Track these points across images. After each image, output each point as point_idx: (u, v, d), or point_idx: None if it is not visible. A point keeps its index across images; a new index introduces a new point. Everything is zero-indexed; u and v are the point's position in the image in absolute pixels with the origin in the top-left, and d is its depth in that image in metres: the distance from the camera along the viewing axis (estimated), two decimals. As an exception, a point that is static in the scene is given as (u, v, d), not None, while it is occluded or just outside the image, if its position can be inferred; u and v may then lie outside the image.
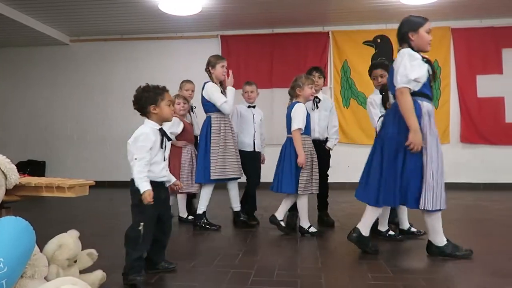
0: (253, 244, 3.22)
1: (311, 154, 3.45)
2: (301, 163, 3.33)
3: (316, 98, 3.81)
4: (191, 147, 4.06)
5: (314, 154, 3.49)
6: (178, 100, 4.02)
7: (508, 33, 6.67)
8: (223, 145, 3.68)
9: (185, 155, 3.98)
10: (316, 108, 3.85)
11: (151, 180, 2.27)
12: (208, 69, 3.86)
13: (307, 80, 3.47)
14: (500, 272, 2.41)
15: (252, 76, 7.17)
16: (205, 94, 3.81)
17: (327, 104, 3.95)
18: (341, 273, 2.46)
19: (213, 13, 6.41)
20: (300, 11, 6.36)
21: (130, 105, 2.56)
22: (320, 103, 3.87)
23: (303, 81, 3.46)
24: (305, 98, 3.48)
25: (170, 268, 2.51)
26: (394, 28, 2.99)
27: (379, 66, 3.69)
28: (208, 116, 3.81)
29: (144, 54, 7.56)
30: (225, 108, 3.70)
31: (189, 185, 3.91)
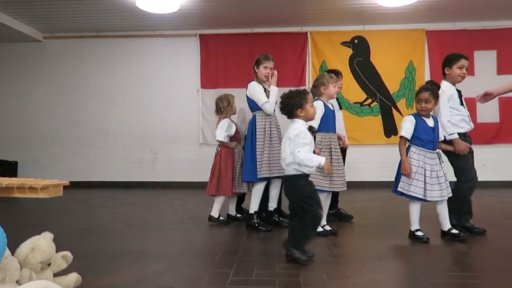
0: (232, 244, 3.21)
1: (330, 151, 3.37)
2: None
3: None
4: (240, 147, 4.08)
5: (335, 151, 3.40)
6: (234, 102, 4.10)
7: (480, 36, 6.87)
8: (268, 143, 3.63)
9: (237, 156, 4.00)
10: (340, 109, 3.98)
11: (307, 173, 2.66)
12: (254, 68, 3.84)
13: (332, 78, 3.46)
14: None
15: (231, 75, 7.20)
16: (248, 93, 3.78)
17: (336, 105, 3.98)
18: (319, 271, 2.48)
19: (192, 11, 6.36)
20: (278, 11, 6.39)
21: (107, 104, 2.52)
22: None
23: (327, 79, 3.45)
24: (329, 96, 3.47)
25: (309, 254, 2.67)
26: (371, 29, 3.03)
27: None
28: (254, 115, 3.78)
29: (121, 52, 7.43)
30: (266, 108, 3.67)
31: (240, 184, 3.91)
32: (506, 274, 2.39)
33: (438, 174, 3.14)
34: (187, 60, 7.34)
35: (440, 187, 3.12)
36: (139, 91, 7.37)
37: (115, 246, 3.17)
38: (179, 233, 3.60)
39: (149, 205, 5.28)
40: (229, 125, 3.95)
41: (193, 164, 7.12)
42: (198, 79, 7.29)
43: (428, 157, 3.14)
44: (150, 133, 7.38)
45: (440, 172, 3.15)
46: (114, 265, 2.62)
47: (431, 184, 3.11)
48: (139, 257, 2.81)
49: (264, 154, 3.60)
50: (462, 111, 3.38)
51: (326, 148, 3.35)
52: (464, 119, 3.38)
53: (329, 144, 3.37)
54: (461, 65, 3.36)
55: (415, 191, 3.12)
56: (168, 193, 6.56)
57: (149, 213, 4.63)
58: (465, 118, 3.39)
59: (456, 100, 3.36)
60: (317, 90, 3.45)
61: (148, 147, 7.41)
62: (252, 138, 3.68)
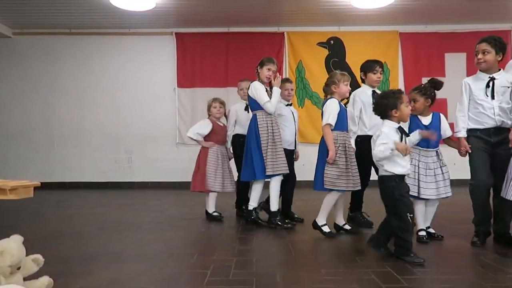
0: (210, 244, 3.20)
1: (344, 150, 3.33)
2: (331, 158, 3.26)
3: (376, 93, 3.63)
4: (220, 148, 4.21)
5: (348, 150, 3.36)
6: (214, 104, 4.23)
7: (450, 38, 7.09)
8: (272, 142, 3.70)
9: (210, 155, 4.14)
10: None
11: (400, 174, 2.67)
12: (257, 68, 3.85)
13: (343, 77, 3.41)
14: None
15: (207, 74, 7.17)
16: (251, 93, 3.80)
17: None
18: (296, 269, 2.51)
19: (168, 9, 6.29)
20: (255, 11, 6.40)
21: (80, 103, 2.47)
22: None
23: (338, 77, 3.39)
24: (341, 95, 3.42)
25: (417, 262, 2.59)
26: (346, 30, 3.08)
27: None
28: (254, 114, 3.81)
29: (95, 50, 7.26)
30: (267, 107, 3.71)
31: (214, 184, 4.08)
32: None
33: (435, 172, 3.11)
34: (163, 59, 7.25)
35: (436, 185, 3.10)
36: (114, 90, 7.23)
37: (89, 248, 3.11)
38: (155, 234, 3.56)
39: (124, 206, 5.20)
40: (203, 125, 4.18)
41: (170, 164, 7.05)
42: (175, 78, 7.22)
43: (423, 155, 3.14)
44: (126, 133, 7.26)
45: (437, 170, 3.13)
46: (88, 268, 2.56)
47: (427, 182, 3.09)
48: (114, 258, 2.76)
49: (268, 152, 3.67)
50: None
51: (341, 146, 3.33)
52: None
53: (343, 142, 3.36)
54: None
55: (413, 191, 3.05)
56: (144, 193, 6.46)
57: (124, 214, 4.56)
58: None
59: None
60: (328, 89, 3.45)
61: (123, 146, 7.28)
62: (255, 137, 3.72)
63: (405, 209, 2.64)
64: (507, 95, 2.94)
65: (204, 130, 4.17)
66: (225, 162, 4.23)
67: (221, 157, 4.18)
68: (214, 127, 4.19)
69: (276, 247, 3.08)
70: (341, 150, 3.32)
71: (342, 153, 3.32)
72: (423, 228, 3.20)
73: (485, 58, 2.93)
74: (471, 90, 3.02)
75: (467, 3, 6.12)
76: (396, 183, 2.68)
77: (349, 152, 3.37)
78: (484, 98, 2.96)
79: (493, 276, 2.32)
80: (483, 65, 2.97)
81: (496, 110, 2.93)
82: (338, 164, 3.30)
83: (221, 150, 4.23)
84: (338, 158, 3.30)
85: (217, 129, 4.21)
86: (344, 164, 3.31)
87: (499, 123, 2.93)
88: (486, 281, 2.24)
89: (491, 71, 2.97)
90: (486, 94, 2.95)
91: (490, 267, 2.49)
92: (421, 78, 7.14)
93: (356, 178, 3.37)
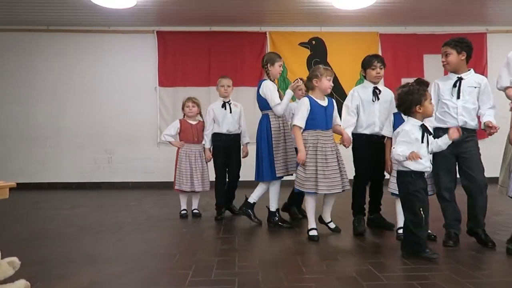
0: (191, 244, 3.18)
1: (315, 150, 3.20)
2: (300, 160, 3.18)
3: (377, 89, 3.49)
4: (190, 146, 4.25)
5: (322, 150, 3.21)
6: (187, 103, 4.30)
7: (428, 40, 7.22)
8: (283, 142, 3.69)
9: (180, 155, 4.24)
10: (377, 100, 3.48)
11: (418, 170, 2.68)
12: (266, 66, 3.78)
13: (326, 71, 3.29)
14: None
15: (189, 74, 7.12)
16: (262, 92, 3.74)
17: (387, 95, 3.56)
18: (277, 269, 2.52)
19: (149, 7, 6.22)
20: (237, 10, 6.39)
21: (58, 101, 2.42)
22: (380, 94, 3.51)
23: (321, 71, 3.28)
24: (322, 90, 3.29)
25: (431, 258, 2.63)
26: (328, 31, 3.11)
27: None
28: (266, 114, 3.76)
29: (74, 48, 7.11)
30: (277, 110, 3.67)
31: (181, 183, 4.18)
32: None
33: None
34: (144, 58, 7.17)
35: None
36: (94, 88, 7.10)
37: (68, 250, 3.05)
38: (136, 235, 3.52)
39: (104, 206, 5.11)
40: (170, 126, 4.37)
41: (151, 164, 6.97)
42: (156, 77, 7.14)
43: None
44: (106, 132, 7.14)
45: None
46: (67, 270, 2.51)
47: None
48: (94, 260, 2.72)
49: (280, 153, 3.66)
50: None
51: (312, 147, 3.21)
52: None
53: (315, 142, 3.22)
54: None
55: (393, 187, 3.16)
56: (125, 194, 6.37)
57: (104, 215, 4.49)
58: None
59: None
60: (310, 83, 3.34)
61: (103, 146, 7.16)
62: (268, 138, 3.68)
63: (419, 205, 2.68)
64: (473, 95, 3.00)
65: (171, 131, 4.29)
66: (198, 161, 4.22)
67: (191, 156, 4.21)
68: (183, 126, 4.26)
69: (258, 247, 3.09)
70: (311, 151, 3.21)
71: (312, 155, 3.20)
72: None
73: (448, 60, 3.03)
74: (439, 90, 3.08)
75: (444, 6, 6.25)
76: (411, 179, 2.71)
77: (323, 153, 3.21)
78: (449, 97, 3.01)
79: (470, 273, 2.38)
80: (447, 67, 3.07)
81: (459, 110, 2.97)
82: (307, 166, 3.19)
83: (192, 148, 4.24)
84: (308, 159, 3.20)
85: (185, 128, 4.26)
86: (314, 166, 3.19)
87: (461, 123, 2.95)
88: (463, 277, 2.30)
89: (459, 71, 3.03)
90: (451, 93, 3.01)
91: (466, 264, 2.55)
92: (401, 79, 7.26)
93: (333, 180, 3.19)
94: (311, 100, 3.28)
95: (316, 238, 3.18)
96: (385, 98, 3.50)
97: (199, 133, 4.27)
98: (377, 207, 3.64)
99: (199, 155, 4.25)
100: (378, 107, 3.45)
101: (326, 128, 3.30)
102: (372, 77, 3.47)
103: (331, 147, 3.26)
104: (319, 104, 3.29)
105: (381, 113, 3.45)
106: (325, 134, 3.28)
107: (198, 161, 4.22)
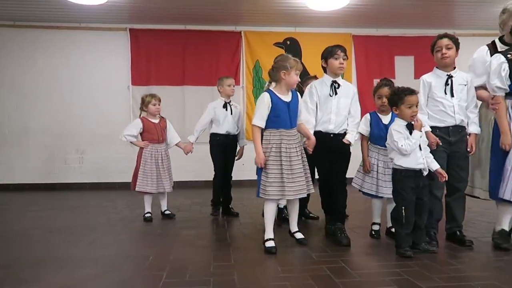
0: (165, 245, 3.14)
1: (279, 152, 2.88)
2: (257, 163, 2.88)
3: (335, 83, 3.18)
4: (156, 146, 4.08)
5: (286, 151, 2.88)
6: (154, 101, 4.09)
7: (399, 42, 7.42)
8: None
9: (144, 155, 4.04)
10: (335, 95, 3.17)
11: (409, 168, 2.73)
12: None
13: (297, 64, 2.92)
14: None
15: (163, 73, 7.03)
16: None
17: (348, 91, 3.26)
18: (253, 268, 2.52)
19: (121, 4, 6.08)
20: (213, 9, 6.35)
21: (26, 99, 2.34)
22: (340, 89, 3.19)
23: (291, 63, 2.89)
24: (289, 85, 2.93)
25: (430, 250, 2.76)
26: (302, 31, 3.11)
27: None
28: None
29: (43, 45, 6.86)
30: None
31: (145, 184, 4.00)
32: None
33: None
34: (117, 56, 7.01)
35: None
36: (64, 86, 6.88)
37: (36, 252, 2.94)
38: (108, 236, 3.44)
39: (75, 208, 4.97)
40: (132, 125, 4.19)
41: (123, 164, 6.79)
42: (129, 75, 7.00)
43: (382, 154, 3.15)
44: (76, 132, 6.94)
45: None
46: (35, 274, 2.43)
47: (385, 181, 3.12)
48: (65, 263, 2.64)
49: None
50: None
51: (275, 148, 2.88)
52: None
53: (278, 143, 2.89)
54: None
55: (367, 187, 3.20)
56: (97, 195, 6.22)
57: (75, 217, 4.37)
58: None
59: None
60: (276, 74, 2.93)
61: (74, 146, 6.96)
62: None
63: (401, 203, 2.76)
64: (464, 93, 3.01)
65: (133, 131, 4.08)
66: (164, 160, 4.10)
67: (157, 157, 4.06)
68: (146, 126, 4.08)
69: (233, 247, 3.08)
70: (274, 153, 2.87)
71: (276, 157, 2.87)
72: (377, 222, 3.28)
73: (449, 53, 2.96)
74: (430, 88, 3.03)
75: (414, 9, 6.42)
76: (400, 177, 2.77)
77: (287, 154, 2.88)
78: (443, 96, 2.98)
79: (440, 268, 2.46)
80: (447, 60, 2.96)
81: (456, 108, 2.97)
82: (270, 170, 2.86)
83: (158, 148, 4.09)
84: (272, 162, 2.86)
85: (149, 127, 4.09)
86: (278, 169, 2.86)
87: (458, 121, 2.98)
88: (433, 272, 2.37)
89: (449, 69, 3.02)
90: (445, 92, 2.96)
91: (436, 260, 2.63)
92: (373, 79, 7.42)
93: (299, 184, 2.89)
94: (273, 96, 2.91)
95: (273, 250, 2.83)
96: (346, 93, 3.21)
97: (162, 131, 4.13)
98: (338, 218, 3.20)
99: (165, 155, 4.13)
100: (335, 103, 3.16)
101: (291, 127, 2.94)
102: (335, 68, 3.16)
103: (296, 148, 2.93)
104: (282, 100, 2.91)
105: (339, 109, 3.16)
106: (289, 133, 2.92)
107: (165, 161, 4.10)
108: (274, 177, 2.86)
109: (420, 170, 2.77)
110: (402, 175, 2.77)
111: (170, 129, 4.22)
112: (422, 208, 2.83)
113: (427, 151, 2.81)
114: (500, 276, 2.33)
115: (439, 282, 2.21)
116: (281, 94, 2.94)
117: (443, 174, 2.77)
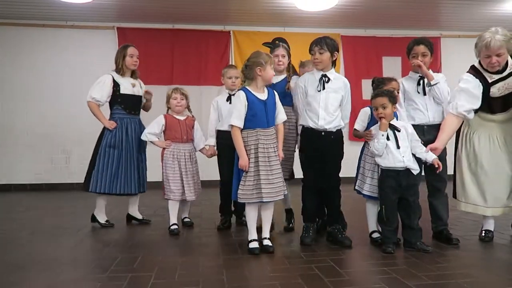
0: (154, 246, 3.11)
1: (256, 152, 2.77)
2: (242, 166, 2.76)
3: (325, 77, 3.04)
4: (179, 146, 3.59)
5: (264, 152, 2.79)
6: (175, 95, 3.63)
7: (387, 43, 7.49)
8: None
9: (165, 157, 3.57)
10: (323, 89, 3.03)
11: (386, 167, 2.84)
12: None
13: (270, 59, 2.85)
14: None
15: (151, 72, 6.95)
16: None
17: (338, 85, 3.10)
18: (242, 268, 2.51)
19: (109, 2, 6.02)
20: (201, 8, 6.33)
21: (9, 98, 2.28)
22: (329, 83, 3.05)
23: (265, 58, 2.81)
24: (266, 80, 2.85)
25: (426, 250, 2.78)
26: (291, 32, 3.12)
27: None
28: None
29: (28, 43, 6.75)
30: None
31: (169, 190, 3.51)
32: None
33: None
34: (104, 54, 6.87)
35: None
36: (50, 86, 6.76)
37: (20, 255, 2.89)
38: (96, 238, 3.40)
39: (61, 209, 4.90)
40: (154, 123, 3.64)
41: (111, 164, 6.75)
42: (116, 74, 6.92)
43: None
44: (63, 131, 6.83)
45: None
46: (19, 276, 2.38)
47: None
48: (50, 265, 2.59)
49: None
50: None
51: (253, 150, 2.79)
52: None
53: (255, 143, 2.79)
54: None
55: (367, 189, 3.02)
56: (84, 195, 6.09)
57: (61, 218, 4.31)
58: None
59: None
60: (251, 71, 2.84)
61: (60, 146, 6.86)
62: None
63: (381, 202, 2.89)
64: (435, 91, 3.07)
65: (155, 129, 3.60)
66: (188, 163, 3.59)
67: (180, 158, 3.57)
68: (169, 123, 3.61)
69: (223, 247, 3.07)
70: (252, 154, 2.78)
71: (253, 158, 2.77)
72: (376, 230, 3.07)
73: (425, 60, 3.09)
74: (405, 89, 3.18)
75: (402, 11, 6.50)
76: (382, 176, 2.90)
77: (265, 155, 2.79)
78: (416, 95, 3.13)
79: (426, 266, 2.48)
80: (422, 68, 3.04)
81: (428, 106, 3.09)
82: (248, 172, 2.76)
83: (181, 149, 3.60)
84: (250, 164, 2.78)
85: (172, 125, 3.60)
86: (256, 171, 2.77)
87: (431, 119, 3.08)
88: (419, 270, 2.39)
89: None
90: (417, 91, 3.12)
91: (424, 258, 2.66)
92: (361, 80, 7.49)
93: (277, 185, 2.80)
94: (248, 94, 2.82)
95: (257, 251, 2.75)
96: (336, 87, 3.07)
97: (188, 130, 3.64)
98: (335, 218, 3.10)
99: (189, 157, 3.62)
100: (323, 98, 3.02)
101: (267, 126, 2.83)
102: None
103: (274, 148, 2.84)
104: (258, 98, 2.82)
105: (327, 104, 3.01)
106: (266, 133, 2.82)
107: (188, 163, 3.59)
108: (252, 179, 2.76)
109: (405, 169, 2.82)
110: (383, 175, 2.89)
111: (198, 131, 3.72)
112: (409, 208, 2.86)
113: (418, 148, 2.87)
114: (486, 273, 2.37)
115: (427, 280, 2.24)
116: (257, 92, 2.85)
117: (436, 164, 2.82)
